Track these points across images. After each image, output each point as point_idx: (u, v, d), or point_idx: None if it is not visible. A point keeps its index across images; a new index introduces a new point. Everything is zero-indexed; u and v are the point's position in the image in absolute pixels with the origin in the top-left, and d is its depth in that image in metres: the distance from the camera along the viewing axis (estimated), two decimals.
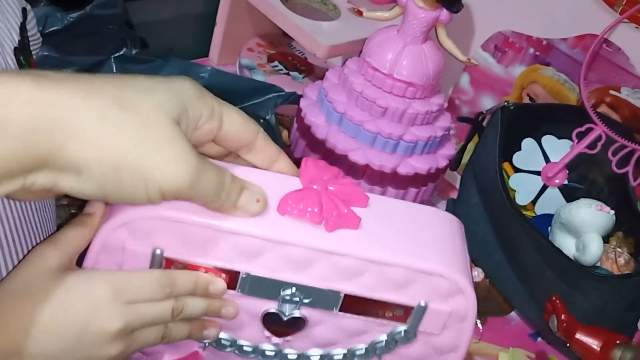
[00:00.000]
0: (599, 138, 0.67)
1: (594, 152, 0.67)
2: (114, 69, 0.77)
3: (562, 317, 0.57)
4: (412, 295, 0.42)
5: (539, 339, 0.71)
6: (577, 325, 0.57)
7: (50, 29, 0.74)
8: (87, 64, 0.76)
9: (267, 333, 0.44)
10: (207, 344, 0.45)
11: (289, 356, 0.45)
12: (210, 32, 0.96)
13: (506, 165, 0.73)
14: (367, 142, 0.73)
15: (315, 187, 0.42)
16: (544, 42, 0.75)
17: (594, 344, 0.56)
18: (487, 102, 0.82)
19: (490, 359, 0.67)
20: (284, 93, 0.82)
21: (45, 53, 0.73)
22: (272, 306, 0.43)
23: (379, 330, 0.44)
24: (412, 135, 0.73)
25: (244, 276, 0.41)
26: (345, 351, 0.45)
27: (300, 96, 0.79)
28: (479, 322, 0.70)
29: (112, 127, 0.32)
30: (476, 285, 0.63)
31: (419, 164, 0.74)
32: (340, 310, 0.42)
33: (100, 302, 0.37)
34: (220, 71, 0.80)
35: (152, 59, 0.80)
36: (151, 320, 0.39)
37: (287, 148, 0.79)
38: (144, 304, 0.38)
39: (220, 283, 0.41)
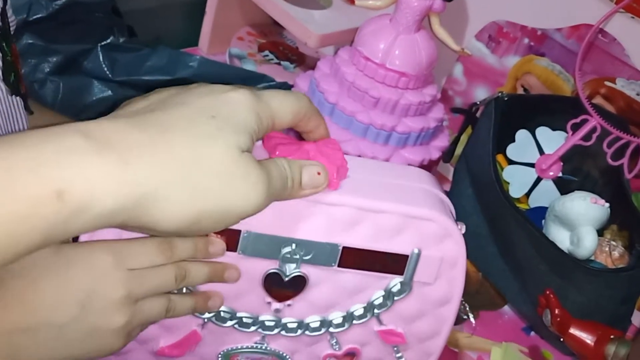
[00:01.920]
0: (594, 130, 0.66)
1: (589, 144, 0.66)
2: (101, 57, 0.75)
3: (556, 312, 0.57)
4: (406, 243, 0.43)
5: (532, 333, 0.71)
6: (570, 319, 0.56)
7: (35, 17, 0.72)
8: (72, 52, 0.74)
9: (268, 298, 0.44)
10: (206, 320, 0.45)
11: (289, 325, 0.46)
12: (199, 21, 0.94)
13: (500, 157, 0.72)
14: (359, 133, 0.72)
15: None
16: (539, 32, 0.74)
17: (588, 338, 0.55)
18: (481, 93, 0.81)
19: (483, 353, 0.66)
20: (274, 83, 0.80)
21: (30, 41, 0.71)
22: (272, 266, 0.43)
23: (375, 287, 0.45)
24: (404, 127, 0.72)
25: (245, 234, 0.42)
26: (344, 314, 0.46)
27: (291, 86, 0.78)
28: (471, 316, 0.69)
29: (190, 187, 0.34)
30: (468, 278, 0.63)
31: (411, 156, 0.73)
32: (339, 266, 0.43)
33: (102, 270, 0.37)
34: (209, 60, 0.79)
35: (140, 48, 0.78)
36: (155, 287, 0.39)
37: None
38: (146, 271, 0.38)
39: (219, 243, 0.41)
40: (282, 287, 0.44)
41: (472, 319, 0.70)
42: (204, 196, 0.34)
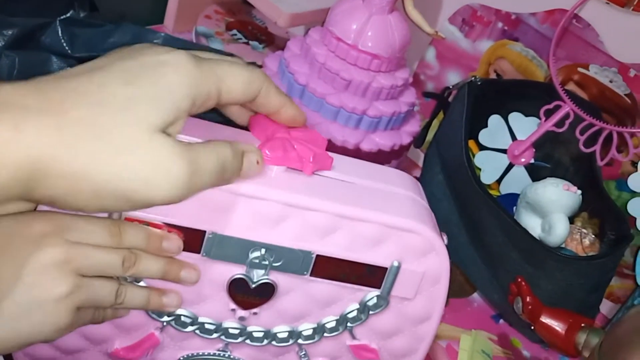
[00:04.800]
0: (567, 116, 0.66)
1: (561, 130, 0.66)
2: (60, 32, 0.71)
3: (527, 299, 0.56)
4: (385, 255, 0.40)
5: (501, 321, 0.70)
6: (542, 307, 0.55)
7: None
8: (29, 26, 0.70)
9: (233, 305, 0.41)
10: (165, 324, 0.42)
11: (254, 334, 0.42)
12: None
13: (471, 143, 0.71)
14: (330, 116, 0.70)
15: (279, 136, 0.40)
16: (513, 17, 0.73)
17: (558, 326, 0.55)
18: (453, 78, 0.80)
19: (452, 341, 0.65)
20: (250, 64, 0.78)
21: None
22: (239, 271, 0.40)
23: (350, 299, 0.42)
24: (376, 110, 0.70)
25: (210, 236, 0.38)
26: (314, 325, 0.43)
27: (260, 66, 0.76)
28: None
29: (87, 159, 0.31)
30: None
31: (382, 141, 0.71)
32: (311, 275, 0.40)
33: (39, 239, 0.34)
34: (174, 38, 0.75)
35: (102, 24, 0.74)
36: (99, 264, 0.35)
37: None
38: (90, 247, 0.35)
39: (175, 239, 0.38)
40: (248, 294, 0.41)
41: None
42: (100, 174, 0.31)
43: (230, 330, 0.42)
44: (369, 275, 0.41)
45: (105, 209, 0.33)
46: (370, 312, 0.42)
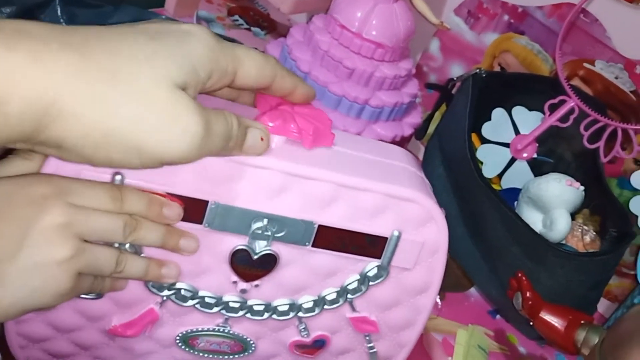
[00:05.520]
0: (571, 111, 0.65)
1: (565, 125, 0.65)
2: (59, 11, 0.70)
3: (527, 295, 0.55)
4: (386, 224, 0.41)
5: (498, 316, 0.69)
6: (542, 303, 0.55)
7: None
8: (28, 4, 0.69)
9: (234, 277, 0.41)
10: (165, 298, 0.41)
11: (255, 307, 0.42)
12: None
13: (473, 136, 0.70)
14: (331, 105, 0.69)
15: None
16: (519, 10, 0.72)
17: (558, 323, 0.54)
18: (457, 71, 0.79)
19: (448, 335, 0.65)
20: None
21: None
22: (241, 242, 0.40)
23: (350, 270, 0.42)
24: (378, 100, 0.70)
25: (212, 206, 0.38)
26: (315, 298, 0.43)
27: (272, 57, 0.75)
28: (437, 297, 0.68)
29: (103, 106, 0.30)
30: None
31: (383, 131, 0.71)
32: (313, 246, 0.40)
33: (39, 201, 0.33)
34: (175, 20, 0.74)
35: (101, 5, 0.73)
36: (100, 228, 0.35)
37: None
38: (91, 210, 0.34)
39: (175, 206, 0.37)
40: (250, 266, 0.41)
41: (438, 301, 0.68)
42: (115, 121, 0.30)
43: (231, 304, 0.42)
44: (369, 245, 0.41)
45: (112, 161, 0.32)
46: (371, 283, 0.43)
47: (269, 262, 0.41)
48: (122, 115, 0.30)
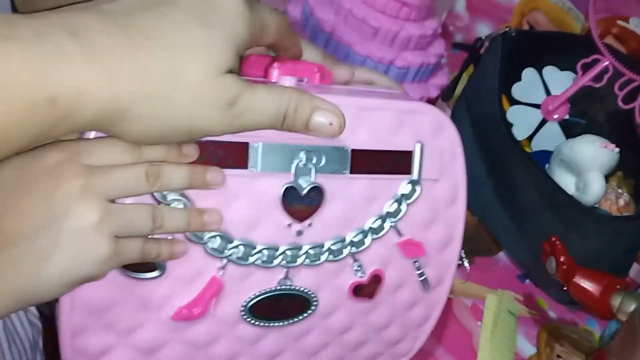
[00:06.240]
0: (605, 70, 0.62)
1: (599, 85, 0.63)
2: None
3: (562, 259, 0.54)
4: (406, 139, 0.43)
5: (527, 281, 0.68)
6: (576, 267, 0.54)
7: None
8: None
9: (288, 219, 0.41)
10: (225, 262, 0.40)
11: (310, 251, 0.43)
12: None
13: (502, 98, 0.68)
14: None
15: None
16: None
17: (593, 288, 0.53)
18: (483, 30, 0.77)
19: (477, 300, 0.64)
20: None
21: None
22: (287, 181, 0.40)
23: (386, 195, 0.44)
24: (404, 61, 0.68)
25: (255, 145, 0.38)
26: (361, 230, 0.44)
27: (282, 13, 0.72)
28: (466, 261, 0.66)
29: (164, 104, 0.32)
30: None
31: (410, 93, 0.69)
32: (351, 172, 0.42)
33: (56, 167, 0.33)
34: None
35: None
36: (121, 183, 0.34)
37: None
38: (108, 167, 0.34)
39: (192, 145, 0.37)
40: (300, 203, 0.41)
41: (467, 265, 0.67)
42: (173, 113, 0.32)
43: (289, 253, 0.42)
44: (399, 161, 0.43)
45: (161, 141, 0.34)
46: (407, 201, 0.44)
47: (316, 197, 0.41)
48: (180, 110, 0.32)
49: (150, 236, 0.37)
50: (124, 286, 0.38)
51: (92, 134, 0.35)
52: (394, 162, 0.43)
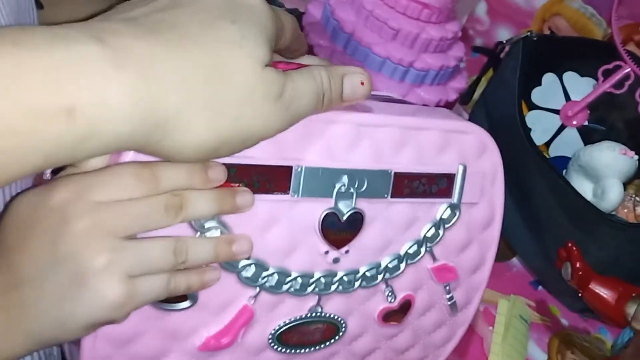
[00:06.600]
0: (627, 77, 0.62)
1: (620, 92, 0.62)
2: None
3: (578, 265, 0.54)
4: (450, 160, 0.42)
5: (540, 287, 0.68)
6: (592, 274, 0.53)
7: None
8: None
9: (325, 246, 0.39)
10: (259, 289, 0.38)
11: (344, 278, 0.41)
12: None
13: None
14: (375, 67, 0.67)
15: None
16: None
17: (608, 295, 0.53)
18: (504, 34, 0.76)
19: (490, 305, 0.64)
20: (283, 9, 0.75)
21: None
22: (327, 206, 0.38)
23: (425, 218, 0.42)
24: (423, 63, 0.67)
25: (297, 170, 0.36)
26: (397, 255, 0.42)
27: (302, 13, 0.73)
28: None
29: (212, 108, 0.29)
30: None
31: (428, 95, 0.69)
32: (392, 196, 0.40)
33: (63, 206, 0.30)
34: None
35: None
36: (137, 218, 0.31)
37: None
38: (119, 202, 0.31)
39: (218, 166, 0.34)
40: (339, 230, 0.39)
41: None
42: (225, 117, 0.30)
43: (323, 280, 0.40)
44: (440, 185, 0.42)
45: (215, 155, 0.31)
46: (446, 226, 0.43)
47: (356, 223, 0.39)
48: (232, 113, 0.30)
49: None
50: (153, 318, 0.36)
51: (103, 162, 0.32)
52: (436, 184, 0.41)
